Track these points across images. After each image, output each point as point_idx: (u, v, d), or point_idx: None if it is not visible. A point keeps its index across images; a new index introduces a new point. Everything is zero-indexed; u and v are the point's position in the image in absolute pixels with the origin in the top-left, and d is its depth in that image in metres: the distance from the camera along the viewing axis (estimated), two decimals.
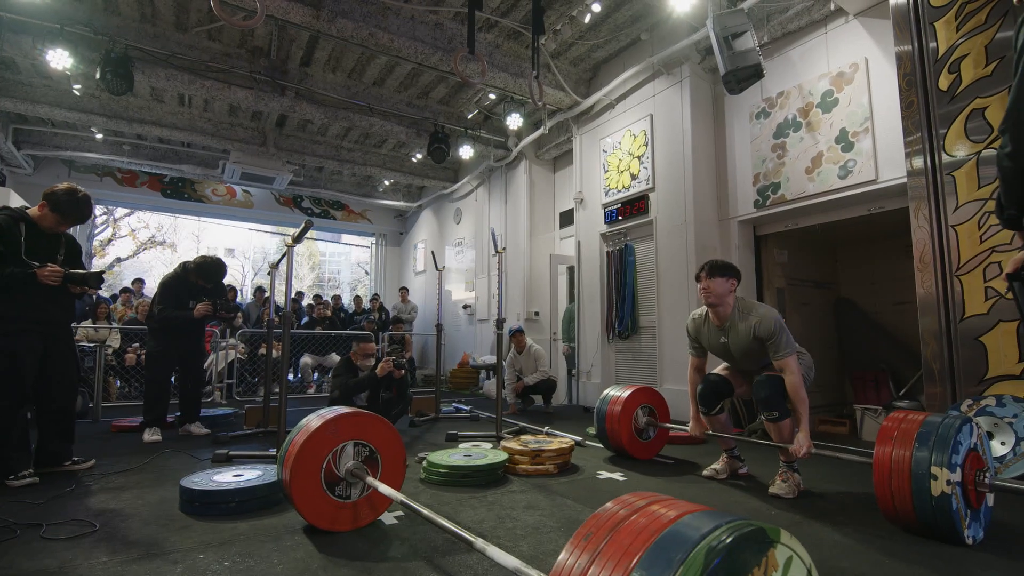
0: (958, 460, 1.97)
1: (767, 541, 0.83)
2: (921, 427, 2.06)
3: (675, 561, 0.77)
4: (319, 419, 2.23)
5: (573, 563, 0.89)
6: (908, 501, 1.99)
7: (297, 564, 1.90)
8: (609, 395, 3.67)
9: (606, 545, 0.88)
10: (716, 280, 2.82)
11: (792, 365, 2.70)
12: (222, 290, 4.69)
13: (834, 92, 4.63)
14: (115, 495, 2.74)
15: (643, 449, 3.63)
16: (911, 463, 1.99)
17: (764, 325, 2.74)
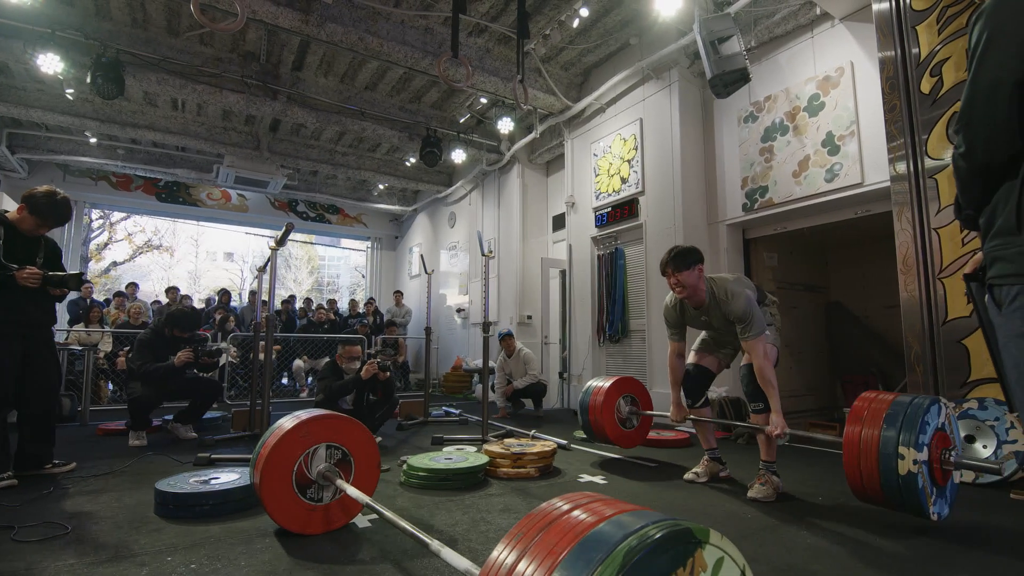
0: (925, 440, 1.96)
1: (694, 541, 0.82)
2: (890, 407, 2.05)
3: (594, 561, 0.77)
4: (292, 421, 2.22)
5: (503, 560, 0.89)
6: (876, 480, 1.98)
7: (263, 567, 1.89)
8: (592, 386, 3.68)
9: (535, 543, 0.88)
10: (683, 274, 2.78)
11: (758, 348, 2.68)
12: (200, 338, 4.67)
13: (820, 96, 4.64)
14: (92, 498, 2.73)
15: (626, 438, 3.64)
16: (879, 443, 1.98)
17: (734, 305, 2.72)
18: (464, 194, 9.61)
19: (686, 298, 2.88)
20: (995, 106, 1.06)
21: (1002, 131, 1.07)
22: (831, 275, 6.49)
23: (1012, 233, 1.10)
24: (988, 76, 1.09)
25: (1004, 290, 1.10)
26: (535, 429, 4.78)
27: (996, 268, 1.11)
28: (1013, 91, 1.05)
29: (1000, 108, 1.05)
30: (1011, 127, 1.06)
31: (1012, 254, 1.09)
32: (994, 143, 1.09)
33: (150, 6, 5.49)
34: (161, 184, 10.02)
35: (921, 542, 2.14)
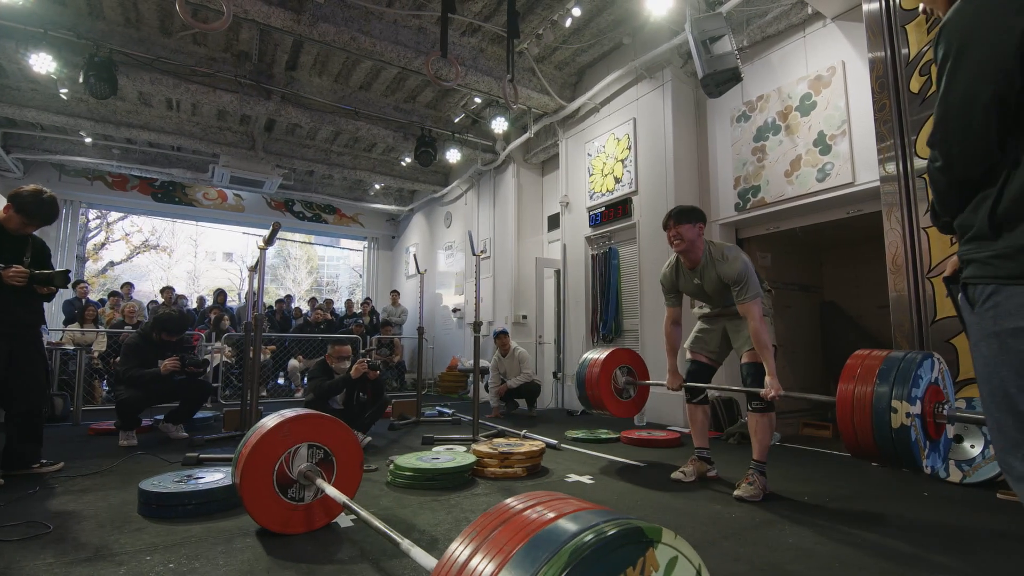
0: (918, 393, 1.93)
1: (645, 541, 0.82)
2: (883, 363, 2.03)
3: (540, 560, 0.76)
4: (274, 420, 2.22)
5: (457, 557, 0.89)
6: (869, 434, 1.95)
7: (241, 566, 1.89)
8: (588, 358, 3.65)
9: (489, 541, 0.87)
10: (684, 226, 2.84)
11: (755, 311, 2.72)
12: (188, 344, 4.64)
13: (812, 95, 4.63)
14: (77, 497, 2.73)
15: (624, 408, 3.63)
16: (872, 398, 1.96)
17: (731, 267, 2.77)
18: (460, 194, 9.61)
19: (682, 252, 2.91)
20: (970, 120, 1.07)
21: (979, 145, 1.07)
22: (825, 275, 6.48)
23: (986, 239, 1.10)
24: (960, 90, 1.09)
25: (978, 289, 1.10)
26: (526, 429, 4.78)
27: (970, 269, 1.11)
28: (990, 103, 1.05)
29: (976, 122, 1.06)
30: (988, 140, 1.06)
31: (986, 257, 1.09)
32: (972, 157, 1.09)
33: (143, 6, 5.49)
34: (157, 184, 10.02)
35: (904, 541, 2.14)
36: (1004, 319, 1.04)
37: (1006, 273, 1.04)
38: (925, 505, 2.67)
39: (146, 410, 4.38)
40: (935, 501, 2.74)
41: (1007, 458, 1.09)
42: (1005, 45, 1.01)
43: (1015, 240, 1.04)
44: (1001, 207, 1.06)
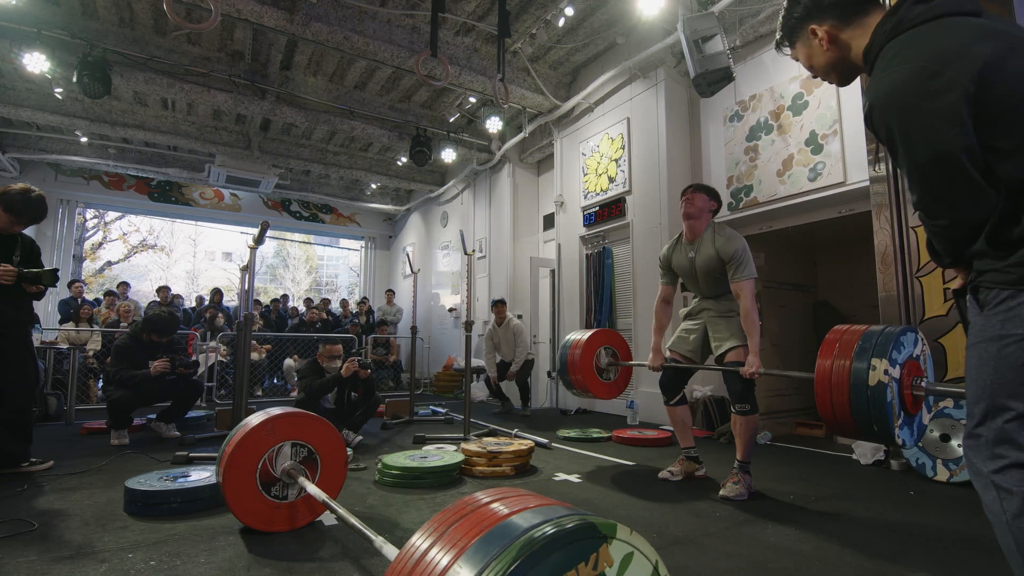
0: (898, 359, 1.92)
1: (598, 537, 0.82)
2: (864, 333, 2.01)
3: (491, 555, 0.77)
4: (258, 419, 2.22)
5: (417, 547, 0.90)
6: (845, 393, 1.92)
7: (222, 564, 1.89)
8: (570, 339, 3.61)
9: (447, 534, 0.88)
10: (699, 195, 2.98)
11: (748, 290, 2.78)
12: (179, 345, 4.63)
13: (804, 95, 4.64)
14: (64, 495, 2.74)
15: (606, 389, 3.60)
16: (852, 358, 1.94)
17: (729, 244, 2.84)
18: (456, 194, 9.62)
19: (687, 219, 2.99)
20: (953, 174, 1.08)
21: (978, 190, 1.08)
22: (819, 274, 6.48)
23: (1001, 258, 1.11)
24: (927, 152, 1.10)
25: (992, 292, 1.11)
26: (518, 428, 4.79)
27: (988, 276, 1.11)
28: (963, 154, 1.07)
29: (959, 174, 1.07)
30: (980, 185, 1.08)
31: (1005, 266, 1.09)
32: (978, 202, 1.10)
33: (136, 5, 5.49)
34: (153, 183, 10.02)
35: (886, 540, 2.15)
36: (1012, 324, 1.05)
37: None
38: (911, 504, 2.68)
39: (138, 410, 4.39)
40: (921, 500, 2.75)
41: (972, 453, 1.11)
42: (949, 100, 1.04)
43: None
44: (1017, 232, 1.07)
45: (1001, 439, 1.04)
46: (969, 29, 1.06)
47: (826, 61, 1.31)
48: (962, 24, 1.07)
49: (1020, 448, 1.02)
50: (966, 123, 1.04)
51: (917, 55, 1.08)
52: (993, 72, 1.03)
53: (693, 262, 3.00)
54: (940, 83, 1.04)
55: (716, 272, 2.93)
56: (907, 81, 1.08)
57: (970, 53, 1.03)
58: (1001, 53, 1.04)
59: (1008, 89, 1.04)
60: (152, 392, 4.22)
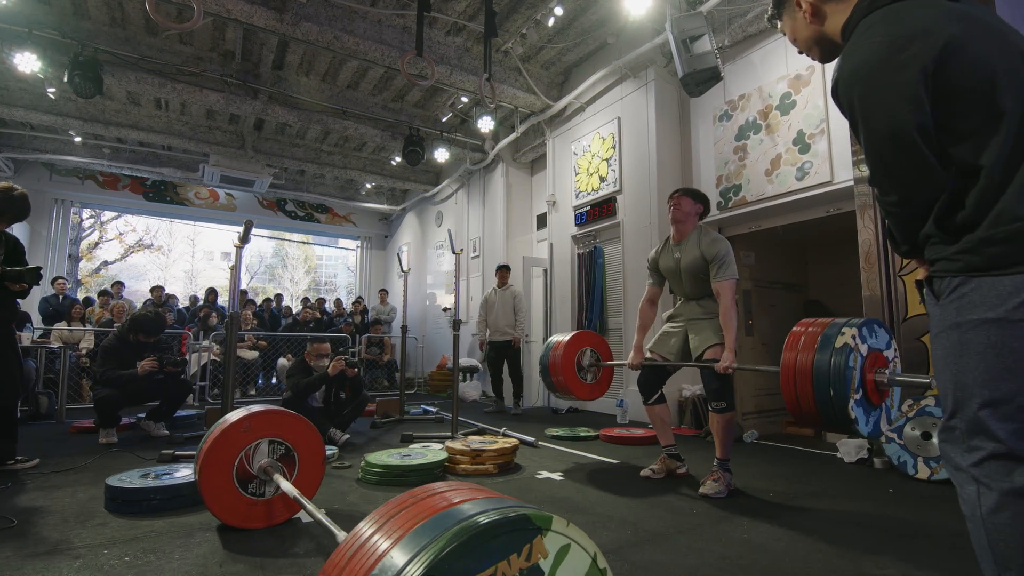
0: (868, 338, 1.92)
1: (532, 528, 0.83)
2: (831, 323, 2.01)
3: (424, 542, 0.78)
4: (236, 416, 2.24)
5: (361, 533, 0.92)
6: (811, 350, 1.90)
7: (196, 560, 1.91)
8: (552, 342, 3.65)
9: (392, 521, 0.90)
10: (685, 199, 3.07)
11: (728, 289, 2.83)
12: (166, 344, 4.62)
13: (792, 94, 4.65)
14: (47, 493, 2.75)
15: (587, 390, 3.61)
16: (825, 327, 1.94)
17: (714, 246, 2.91)
18: (450, 193, 9.63)
19: (675, 222, 3.07)
20: (907, 151, 1.10)
21: (927, 168, 1.10)
22: (810, 273, 6.50)
23: (948, 243, 1.13)
24: (884, 127, 1.12)
25: (944, 281, 1.13)
26: (506, 427, 4.80)
27: (938, 265, 1.14)
28: (917, 132, 1.09)
29: (913, 151, 1.10)
30: (931, 164, 1.10)
31: (952, 253, 1.12)
32: (927, 181, 1.12)
33: (128, 5, 5.51)
34: (148, 183, 10.03)
35: (859, 537, 2.16)
36: (967, 311, 1.06)
37: (974, 266, 1.07)
38: (889, 501, 2.69)
39: (128, 409, 4.40)
40: (900, 498, 2.76)
41: (948, 447, 1.11)
42: (907, 78, 1.07)
43: (977, 235, 1.07)
44: (962, 214, 1.09)
45: (974, 430, 1.03)
46: (940, 9, 1.08)
47: (809, 35, 1.33)
48: (934, 4, 1.09)
49: (995, 438, 1.00)
50: (922, 100, 1.05)
51: (886, 31, 1.10)
52: (953, 53, 1.04)
53: (679, 263, 3.05)
54: (901, 60, 1.06)
55: (700, 273, 2.97)
56: (872, 56, 1.10)
57: (934, 32, 1.05)
58: (965, 36, 1.05)
59: (966, 71, 1.05)
60: (141, 391, 4.23)
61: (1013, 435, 1.00)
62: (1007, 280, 1.01)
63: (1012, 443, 1.00)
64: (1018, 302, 0.99)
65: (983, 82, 1.05)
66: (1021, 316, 0.99)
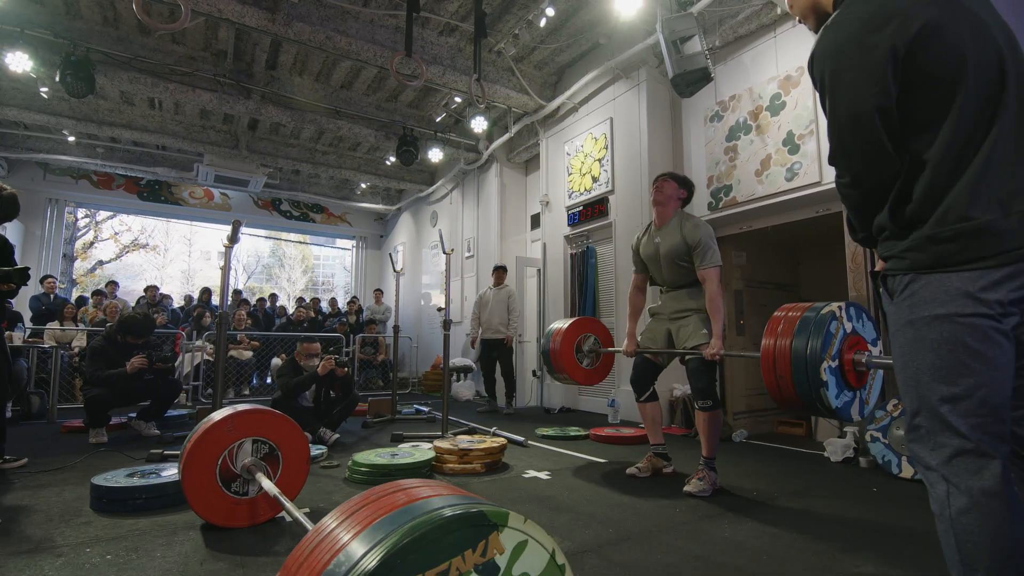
0: (852, 314, 1.95)
1: (488, 525, 0.85)
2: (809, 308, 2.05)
3: (379, 539, 0.80)
4: (219, 415, 2.25)
5: (326, 525, 0.94)
6: (797, 318, 1.95)
7: (178, 558, 1.92)
8: (552, 329, 3.69)
9: (355, 515, 0.91)
10: (668, 183, 3.07)
11: (713, 276, 2.84)
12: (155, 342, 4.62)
13: (782, 95, 4.67)
14: (34, 492, 2.76)
15: (587, 376, 3.66)
16: (812, 303, 1.99)
17: (695, 231, 2.90)
18: (445, 193, 9.64)
19: (656, 205, 3.07)
20: (864, 133, 1.11)
21: (880, 153, 1.12)
22: (801, 273, 6.51)
23: (898, 238, 1.15)
24: (846, 107, 1.14)
25: (896, 280, 1.14)
26: (496, 427, 4.81)
27: (890, 263, 1.15)
28: (875, 115, 1.10)
29: (869, 133, 1.11)
30: (884, 148, 1.11)
31: (900, 251, 1.13)
32: (876, 166, 1.14)
33: (120, 5, 5.51)
34: (143, 183, 10.03)
35: (839, 536, 2.18)
36: (919, 308, 1.07)
37: (921, 264, 1.08)
38: (872, 500, 2.71)
39: (119, 409, 4.40)
40: (883, 496, 2.78)
41: (916, 447, 1.11)
42: (875, 60, 1.07)
43: (923, 232, 1.08)
44: (910, 208, 1.10)
45: (938, 427, 1.03)
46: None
47: (805, 3, 1.34)
48: None
49: (959, 434, 1.01)
50: (888, 83, 1.05)
51: (864, 9, 1.09)
52: (928, 37, 1.03)
53: (658, 248, 3.04)
54: (874, 40, 1.06)
55: (681, 259, 2.96)
56: (846, 33, 1.11)
57: (911, 15, 1.04)
58: (944, 20, 1.04)
59: (937, 59, 1.04)
60: (131, 391, 4.23)
61: (976, 430, 1.00)
62: (954, 276, 1.02)
63: (976, 438, 1.01)
64: (966, 299, 1.01)
65: (951, 72, 1.04)
66: (970, 311, 1.00)
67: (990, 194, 1.01)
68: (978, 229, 1.00)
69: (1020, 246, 0.99)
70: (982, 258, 1.01)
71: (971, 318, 1.00)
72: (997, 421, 1.01)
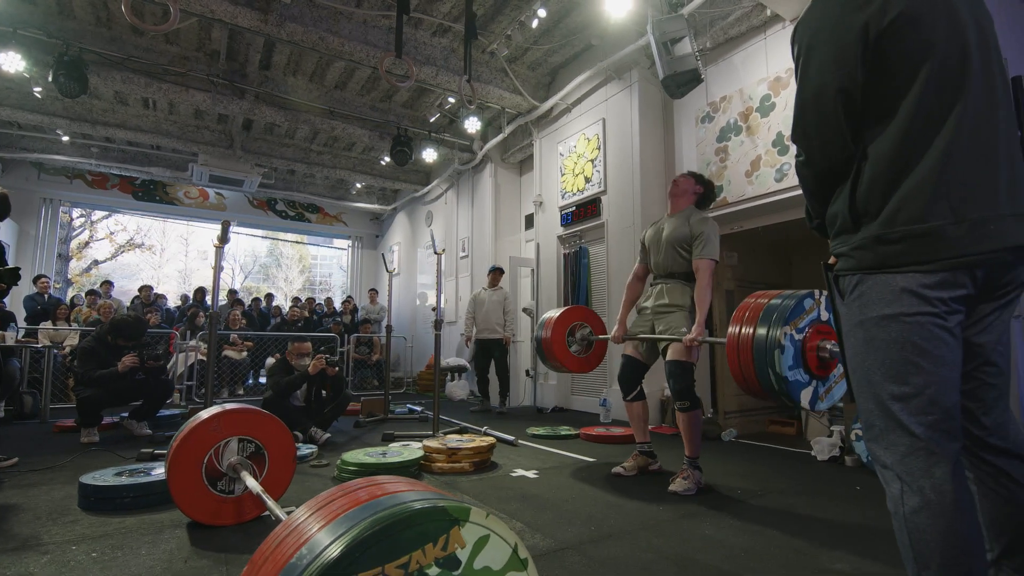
0: (821, 299, 2.03)
1: (449, 519, 0.87)
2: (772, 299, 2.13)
3: (342, 531, 0.82)
4: (206, 414, 2.26)
5: (296, 518, 0.98)
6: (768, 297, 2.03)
7: (163, 556, 1.93)
8: (544, 319, 3.73)
9: (324, 508, 0.94)
10: (686, 179, 3.20)
11: (706, 268, 2.90)
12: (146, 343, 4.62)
13: (772, 96, 4.70)
14: (23, 491, 2.77)
15: (579, 364, 3.70)
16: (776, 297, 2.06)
17: (702, 224, 2.97)
18: (440, 193, 9.66)
19: (670, 196, 3.19)
20: (823, 113, 1.13)
21: (834, 136, 1.13)
22: (793, 273, 6.55)
23: (849, 231, 1.16)
24: (812, 86, 1.16)
25: (846, 280, 1.16)
26: (487, 426, 4.83)
27: (841, 262, 1.17)
28: (837, 96, 1.11)
29: (828, 114, 1.12)
30: (841, 131, 1.13)
31: (848, 250, 1.15)
32: (829, 147, 1.15)
33: (113, 5, 5.51)
34: (137, 183, 10.02)
35: (819, 534, 2.20)
36: (868, 308, 1.09)
37: (867, 264, 1.10)
38: (854, 498, 2.74)
39: (111, 408, 4.41)
40: (866, 495, 2.81)
41: (872, 446, 1.13)
42: (847, 41, 1.08)
43: (871, 231, 1.09)
44: (858, 198, 1.12)
45: (891, 425, 1.05)
46: None
47: None
48: None
49: (910, 432, 1.02)
50: (854, 67, 1.07)
51: None
52: (902, 26, 1.04)
53: (661, 232, 3.12)
54: (850, 22, 1.07)
55: (681, 244, 3.00)
56: (827, 10, 1.12)
57: (892, 1, 1.04)
58: (921, 11, 1.04)
59: (905, 50, 1.04)
60: (123, 390, 4.24)
61: (927, 428, 1.02)
62: (899, 277, 1.04)
63: (927, 436, 1.03)
64: (912, 297, 1.03)
65: (915, 66, 1.04)
66: (915, 310, 1.02)
67: (943, 197, 1.02)
68: (925, 233, 1.02)
69: (963, 254, 1.01)
70: (921, 262, 1.02)
71: (917, 317, 1.02)
72: (947, 419, 1.03)
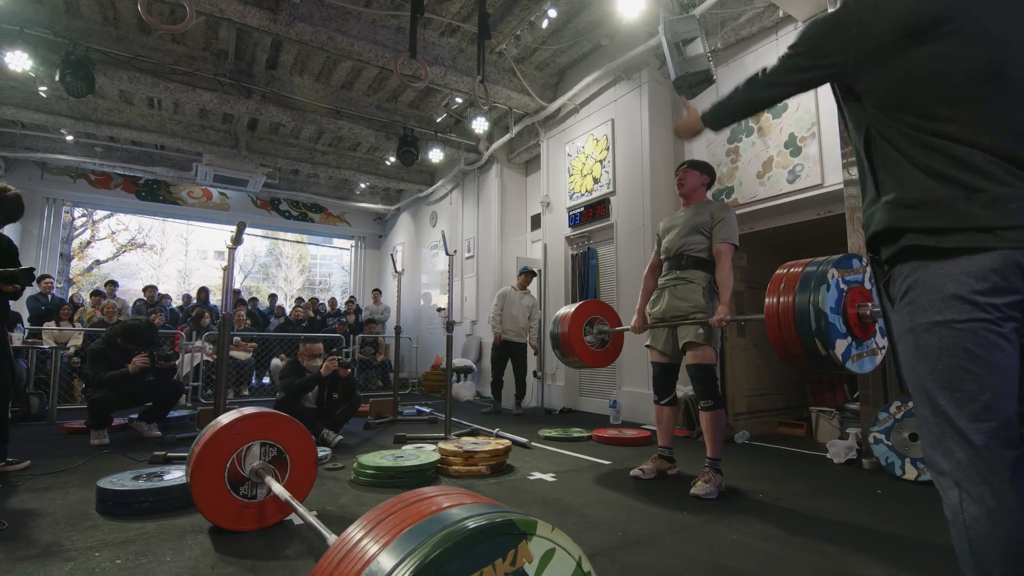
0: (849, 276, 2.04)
1: (517, 533, 0.85)
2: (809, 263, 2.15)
3: (410, 549, 0.80)
4: (227, 419, 2.24)
5: (351, 536, 0.93)
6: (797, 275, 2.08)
7: (187, 562, 1.91)
8: (559, 315, 3.71)
9: (380, 525, 0.91)
10: (690, 172, 3.10)
11: (727, 253, 2.88)
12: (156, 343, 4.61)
13: None
14: (38, 495, 2.74)
15: (597, 358, 3.69)
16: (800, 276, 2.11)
17: (723, 210, 2.97)
18: (445, 193, 9.63)
19: (681, 197, 3.15)
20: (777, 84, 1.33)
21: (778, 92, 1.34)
22: None
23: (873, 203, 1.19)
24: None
25: (897, 285, 1.14)
26: (499, 428, 4.81)
27: (872, 227, 1.17)
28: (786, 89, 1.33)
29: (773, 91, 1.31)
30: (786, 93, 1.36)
31: (869, 215, 1.18)
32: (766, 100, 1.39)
33: (120, 4, 5.48)
34: (141, 182, 9.98)
35: (845, 537, 2.19)
36: (918, 315, 1.07)
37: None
38: (877, 503, 2.73)
39: (121, 410, 4.38)
40: (888, 499, 2.79)
41: (929, 452, 1.11)
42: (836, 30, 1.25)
43: None
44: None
45: (947, 432, 1.03)
46: None
47: None
48: None
49: (967, 439, 1.00)
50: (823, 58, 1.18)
51: None
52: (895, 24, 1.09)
53: (678, 219, 3.10)
54: None
55: (700, 228, 2.98)
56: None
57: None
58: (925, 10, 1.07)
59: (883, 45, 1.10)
60: (133, 392, 4.22)
61: (984, 435, 1.00)
62: (950, 284, 1.03)
63: (984, 443, 1.01)
64: (962, 304, 1.02)
65: None
66: (967, 316, 1.01)
67: None
68: None
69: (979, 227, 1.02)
70: None
71: (968, 323, 1.01)
72: (1005, 425, 1.01)
